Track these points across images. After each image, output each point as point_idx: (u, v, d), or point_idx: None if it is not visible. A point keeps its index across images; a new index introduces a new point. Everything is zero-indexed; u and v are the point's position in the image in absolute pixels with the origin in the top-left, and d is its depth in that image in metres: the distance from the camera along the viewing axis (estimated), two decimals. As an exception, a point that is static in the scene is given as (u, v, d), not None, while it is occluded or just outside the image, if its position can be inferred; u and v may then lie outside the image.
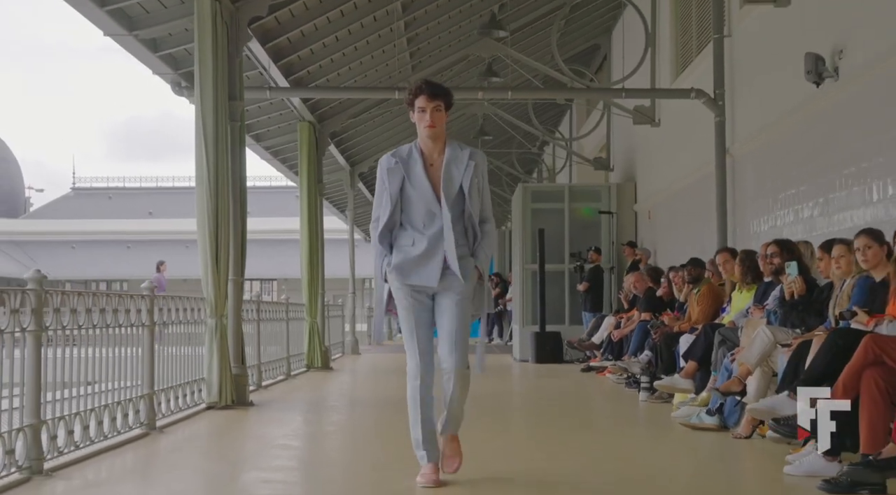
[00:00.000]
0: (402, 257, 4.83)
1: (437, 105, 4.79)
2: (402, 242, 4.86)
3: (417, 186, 4.80)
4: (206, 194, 8.15)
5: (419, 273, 4.80)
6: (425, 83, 4.86)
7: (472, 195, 4.81)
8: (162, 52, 9.48)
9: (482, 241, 4.91)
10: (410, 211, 4.84)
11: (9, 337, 4.87)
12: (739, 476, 5.50)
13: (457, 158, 4.83)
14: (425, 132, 4.82)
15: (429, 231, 4.81)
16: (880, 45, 6.95)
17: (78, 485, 5.03)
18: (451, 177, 4.80)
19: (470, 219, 4.86)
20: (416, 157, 4.84)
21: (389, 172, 4.82)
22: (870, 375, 4.51)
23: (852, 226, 7.14)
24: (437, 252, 4.79)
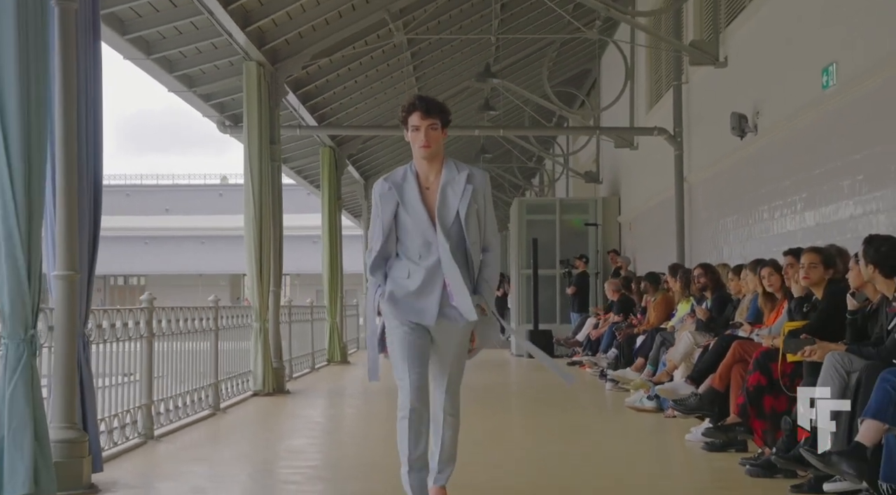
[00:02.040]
0: (395, 289, 4.35)
1: (432, 123, 4.31)
2: (395, 274, 4.37)
3: (412, 212, 4.33)
4: (254, 228, 10.16)
5: (414, 309, 4.32)
6: (419, 99, 4.38)
7: (469, 223, 4.32)
8: (213, 101, 11.51)
9: (483, 273, 4.43)
10: (405, 239, 4.36)
11: (131, 341, 6.87)
12: (656, 442, 7.46)
13: (453, 181, 4.35)
14: (420, 152, 4.34)
15: (425, 262, 4.31)
16: (788, 108, 8.88)
17: (179, 446, 7.03)
18: (446, 202, 4.32)
19: (470, 249, 4.36)
20: (411, 180, 4.37)
21: (382, 198, 4.35)
22: (736, 370, 6.48)
23: (766, 251, 9.07)
24: (434, 287, 4.30)
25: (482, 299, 4.41)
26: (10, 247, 4.72)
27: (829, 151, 7.77)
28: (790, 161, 8.72)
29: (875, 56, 6.95)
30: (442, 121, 4.37)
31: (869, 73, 7.02)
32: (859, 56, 7.25)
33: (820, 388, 4.93)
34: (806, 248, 6.07)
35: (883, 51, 6.82)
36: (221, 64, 10.58)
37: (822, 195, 7.91)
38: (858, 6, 7.37)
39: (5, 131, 4.71)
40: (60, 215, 5.24)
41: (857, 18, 7.38)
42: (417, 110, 4.33)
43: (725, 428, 6.09)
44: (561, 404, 10.06)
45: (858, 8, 7.36)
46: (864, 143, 7.12)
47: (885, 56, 6.77)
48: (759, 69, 9.72)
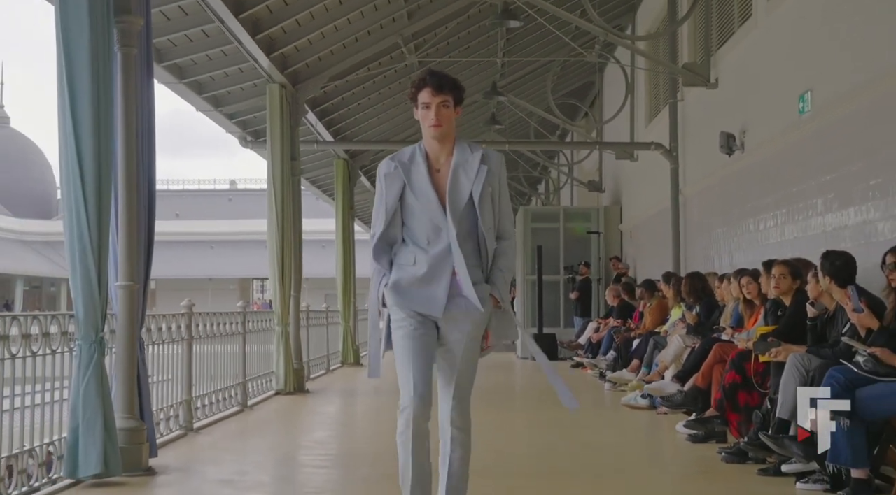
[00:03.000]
0: (401, 277, 4.03)
1: (443, 100, 3.99)
2: (401, 260, 4.05)
3: (420, 195, 4.01)
4: (276, 238, 10.94)
5: (421, 298, 3.99)
6: (430, 74, 4.05)
7: (483, 206, 3.99)
8: (236, 119, 12.31)
9: (498, 262, 4.07)
10: (412, 224, 4.04)
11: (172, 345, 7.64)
12: (648, 435, 8.21)
13: (466, 162, 4.03)
14: (430, 132, 4.01)
15: (433, 248, 3.99)
16: (770, 130, 9.63)
17: (216, 438, 7.81)
18: (458, 184, 4.00)
19: (483, 236, 4.02)
20: (420, 161, 4.05)
21: (388, 178, 4.04)
22: (716, 369, 7.24)
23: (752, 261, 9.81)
24: (442, 275, 3.97)
25: (496, 289, 4.05)
26: (84, 262, 5.50)
27: (805, 172, 8.52)
28: (772, 179, 9.48)
29: (845, 86, 7.70)
30: (455, 98, 4.03)
31: (839, 102, 7.77)
32: (831, 85, 8.00)
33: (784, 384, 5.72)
34: (777, 261, 6.83)
35: (852, 82, 7.56)
36: (246, 86, 11.37)
37: (798, 211, 8.67)
38: (831, 39, 8.11)
39: (81, 162, 5.49)
40: (122, 233, 6.02)
41: (829, 51, 8.13)
42: (428, 86, 3.99)
43: (704, 420, 6.85)
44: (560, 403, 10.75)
45: (831, 41, 8.11)
46: (834, 166, 7.87)
47: (853, 87, 7.52)
48: (746, 92, 10.48)
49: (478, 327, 4.06)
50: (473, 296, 3.97)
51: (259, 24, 9.45)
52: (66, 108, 5.53)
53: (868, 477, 4.96)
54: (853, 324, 5.48)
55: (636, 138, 16.75)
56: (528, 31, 13.72)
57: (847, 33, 7.76)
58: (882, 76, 6.95)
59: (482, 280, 4.04)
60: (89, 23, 5.52)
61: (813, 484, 5.33)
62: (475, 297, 3.97)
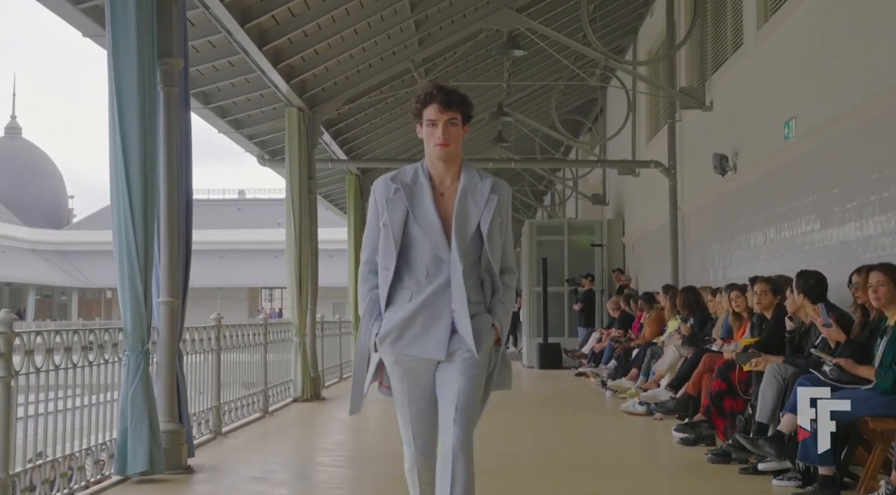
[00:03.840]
0: (395, 318, 3.65)
1: (451, 117, 3.66)
2: (397, 298, 3.68)
3: (423, 221, 3.65)
4: (294, 254, 11.57)
5: (420, 342, 3.65)
6: (437, 89, 3.72)
7: (492, 238, 3.66)
8: (256, 140, 12.97)
9: (501, 295, 3.76)
10: (411, 254, 3.66)
11: (202, 355, 8.27)
12: (643, 438, 8.81)
13: (475, 188, 3.70)
14: (436, 151, 3.67)
15: (433, 283, 3.64)
16: (759, 153, 10.24)
17: (243, 441, 8.44)
18: (466, 212, 3.66)
19: (489, 270, 3.71)
20: (424, 183, 3.69)
21: (389, 204, 3.66)
22: (705, 378, 7.85)
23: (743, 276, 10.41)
24: (443, 312, 3.64)
25: (497, 320, 3.73)
26: (132, 281, 6.13)
27: (790, 193, 9.13)
28: (761, 199, 10.09)
29: (824, 116, 8.31)
30: (463, 115, 3.71)
31: (820, 130, 8.39)
32: (813, 114, 8.62)
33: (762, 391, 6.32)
34: (759, 278, 7.44)
35: (830, 112, 8.17)
36: (266, 109, 12.01)
37: (784, 230, 9.28)
38: (813, 71, 8.73)
39: (130, 190, 6.12)
40: (164, 253, 6.66)
41: (812, 82, 8.75)
42: (435, 102, 3.65)
43: (694, 424, 7.46)
44: (565, 409, 11.39)
45: (813, 73, 8.72)
46: (815, 189, 8.48)
47: (831, 117, 8.13)
48: (738, 116, 11.11)
49: (479, 366, 3.69)
50: (469, 335, 3.62)
51: (280, 54, 10.09)
52: (117, 139, 6.16)
53: (834, 474, 5.55)
54: (825, 337, 6.09)
55: (638, 155, 17.38)
56: (531, 54, 14.34)
57: (827, 66, 8.37)
58: (855, 109, 7.56)
59: (483, 311, 3.72)
60: (137, 65, 6.16)
61: (787, 480, 5.93)
62: (470, 337, 3.62)
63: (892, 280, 5.50)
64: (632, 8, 16.37)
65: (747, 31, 10.69)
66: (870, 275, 5.57)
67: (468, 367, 3.66)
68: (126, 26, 6.11)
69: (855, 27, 7.78)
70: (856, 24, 7.76)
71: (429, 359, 3.68)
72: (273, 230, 64.08)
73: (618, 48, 18.45)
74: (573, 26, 14.22)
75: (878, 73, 7.21)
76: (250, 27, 8.87)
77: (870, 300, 5.59)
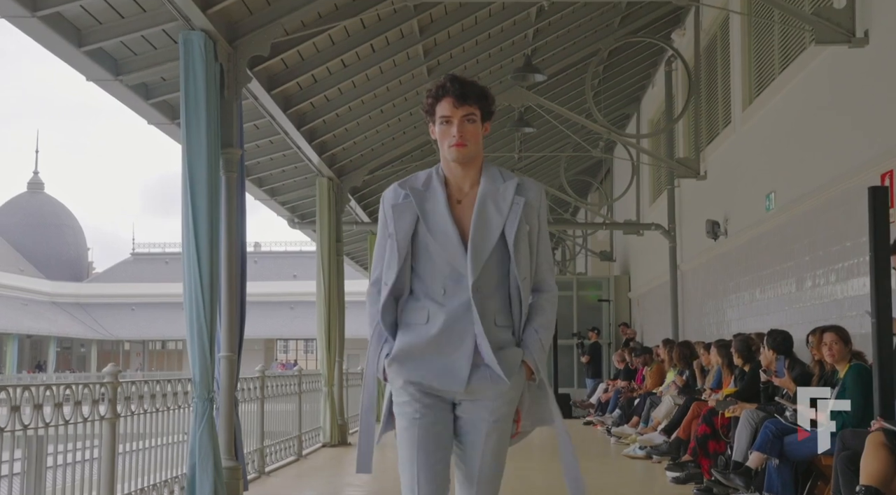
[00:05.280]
0: (408, 341, 3.16)
1: (468, 113, 3.17)
2: (411, 318, 3.19)
3: (437, 232, 3.16)
4: (324, 311, 12.69)
5: (436, 368, 3.13)
6: (451, 80, 3.19)
7: (518, 249, 3.13)
8: (288, 205, 14.18)
9: (533, 320, 3.20)
10: (425, 270, 3.18)
11: (249, 404, 9.35)
12: (641, 478, 9.81)
13: (497, 192, 3.18)
14: (451, 153, 3.17)
15: (452, 302, 3.13)
16: (745, 221, 11.35)
17: (283, 479, 9.49)
18: (486, 219, 3.14)
19: (517, 286, 3.15)
20: (437, 189, 3.20)
21: (396, 210, 3.19)
22: (694, 423, 8.88)
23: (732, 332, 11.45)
24: (464, 336, 3.12)
25: (530, 355, 3.16)
26: (200, 339, 7.24)
27: (771, 259, 10.22)
28: (747, 263, 11.19)
29: (798, 192, 9.42)
30: (482, 110, 3.21)
31: (794, 204, 9.49)
32: (788, 189, 9.73)
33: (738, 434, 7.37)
34: (735, 336, 8.52)
35: (802, 189, 9.28)
36: (298, 179, 13.22)
37: (767, 291, 10.35)
38: (789, 150, 9.85)
39: (199, 261, 7.25)
40: (224, 314, 7.77)
41: (788, 160, 9.88)
42: (449, 95, 3.16)
43: (682, 464, 8.48)
44: (572, 454, 12.31)
45: (789, 151, 9.85)
46: (790, 256, 9.57)
47: (803, 193, 9.24)
48: (727, 186, 12.24)
49: (509, 405, 3.16)
50: (496, 365, 3.08)
51: (314, 132, 11.29)
52: (189, 217, 7.29)
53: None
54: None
55: (641, 215, 18.52)
56: (540, 128, 15.55)
57: (800, 148, 9.50)
58: (821, 188, 8.67)
59: (512, 343, 3.16)
60: (206, 156, 7.32)
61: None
62: (498, 366, 3.08)
63: (843, 339, 6.57)
64: (635, 80, 17.62)
65: (734, 110, 11.85)
66: (824, 335, 6.64)
67: (494, 423, 3.12)
68: (198, 124, 7.28)
69: (821, 116, 8.92)
70: (823, 114, 8.90)
71: (445, 392, 3.13)
72: (288, 282, 65.24)
73: (622, 115, 19.73)
74: (579, 99, 15.41)
75: (839, 158, 8.33)
76: (291, 112, 10.07)
77: (824, 357, 6.65)
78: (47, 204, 74.01)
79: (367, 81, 10.63)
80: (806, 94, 9.32)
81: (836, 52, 8.03)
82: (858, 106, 8.00)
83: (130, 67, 7.80)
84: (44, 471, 5.30)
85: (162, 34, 7.48)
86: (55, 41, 6.73)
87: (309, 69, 9.42)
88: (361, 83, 10.57)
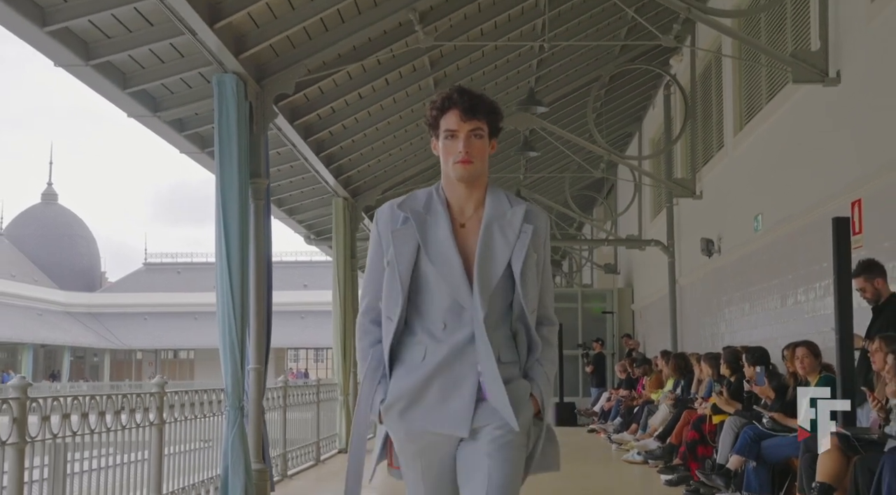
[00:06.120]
0: (404, 385, 2.92)
1: (476, 127, 2.94)
2: (406, 355, 2.95)
3: (438, 260, 2.90)
4: (340, 321, 13.44)
5: (436, 414, 2.89)
6: (459, 92, 2.97)
7: (526, 280, 2.92)
8: (305, 223, 14.96)
9: (541, 354, 3.02)
10: (423, 301, 2.94)
11: (272, 412, 10.08)
12: (638, 481, 10.51)
13: (503, 217, 2.95)
14: (456, 170, 2.93)
15: (452, 337, 2.89)
16: (736, 240, 12.07)
17: (303, 482, 10.23)
18: (492, 246, 2.91)
19: (522, 320, 2.96)
20: (440, 213, 2.95)
21: (396, 237, 2.92)
22: (685, 430, 9.58)
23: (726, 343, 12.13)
24: (466, 376, 2.88)
25: (537, 389, 3.00)
26: (233, 353, 7.98)
27: (759, 277, 10.94)
28: (738, 279, 11.90)
29: (782, 214, 10.13)
30: (490, 125, 2.99)
31: (779, 226, 10.21)
32: (774, 212, 10.45)
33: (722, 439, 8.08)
34: (724, 349, 9.23)
35: (786, 212, 10.00)
36: (315, 199, 13.98)
37: (756, 306, 11.07)
38: (775, 175, 10.56)
39: (231, 282, 7.99)
40: (253, 330, 8.51)
41: (774, 184, 10.59)
42: (455, 108, 2.95)
43: (674, 467, 9.19)
44: (577, 460, 13.02)
45: (775, 177, 10.56)
46: (776, 274, 10.29)
47: (787, 216, 9.95)
48: (721, 206, 12.97)
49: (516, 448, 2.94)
50: (506, 405, 2.87)
51: (332, 157, 12.05)
52: (222, 240, 8.03)
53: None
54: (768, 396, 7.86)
55: (643, 230, 19.24)
56: (544, 150, 16.30)
57: (785, 174, 10.22)
58: (802, 212, 9.39)
59: (519, 375, 2.99)
60: (238, 185, 8.06)
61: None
62: (508, 407, 2.87)
63: (813, 353, 7.28)
64: (637, 101, 18.36)
65: (726, 135, 12.58)
66: (796, 349, 7.35)
67: (499, 448, 2.87)
68: (230, 157, 8.02)
69: (802, 146, 9.63)
70: (803, 144, 9.61)
71: (448, 435, 2.91)
72: (299, 292, 65.94)
73: (625, 134, 20.46)
74: (581, 120, 16.15)
75: (816, 186, 9.05)
76: (311, 141, 10.83)
77: (797, 369, 7.36)
78: (61, 215, 74.89)
79: (380, 110, 11.38)
80: (789, 125, 10.04)
81: (813, 89, 8.75)
82: (832, 139, 8.72)
83: (167, 105, 8.56)
84: (106, 471, 6.03)
85: (197, 75, 8.23)
86: (104, 85, 7.49)
87: (328, 102, 10.18)
88: (375, 112, 11.32)
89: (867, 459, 5.19)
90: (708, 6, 10.84)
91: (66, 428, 5.29)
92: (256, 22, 7.69)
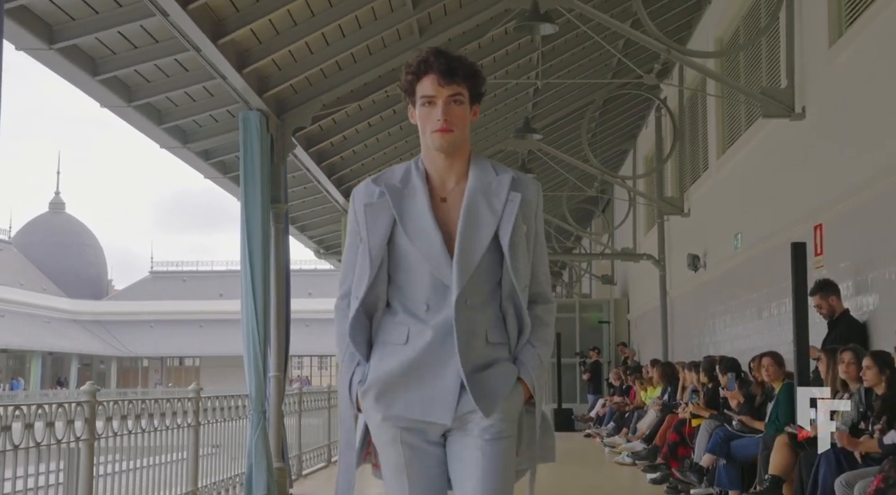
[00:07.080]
0: (384, 367, 2.70)
1: (455, 93, 2.69)
2: (387, 336, 2.74)
3: (417, 236, 2.69)
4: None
5: (418, 399, 2.68)
6: (435, 55, 2.71)
7: (516, 254, 2.68)
8: (315, 238, 15.87)
9: (533, 334, 2.76)
10: (404, 280, 2.72)
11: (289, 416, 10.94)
12: (626, 480, 11.36)
13: (489, 187, 2.72)
14: (434, 140, 2.70)
15: (435, 317, 2.67)
16: (719, 256, 12.93)
17: (318, 481, 11.09)
18: (476, 220, 2.68)
19: (512, 298, 2.72)
20: (417, 186, 2.73)
21: (369, 210, 2.71)
22: (668, 432, 10.43)
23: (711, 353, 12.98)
24: (449, 359, 2.65)
25: (527, 374, 2.74)
26: (256, 362, 8.85)
27: (738, 291, 11.80)
28: (721, 293, 12.77)
29: (758, 235, 10.99)
30: (471, 90, 2.75)
31: (755, 245, 11.08)
32: (751, 232, 11.32)
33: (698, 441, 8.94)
34: (704, 358, 10.11)
35: (761, 233, 10.86)
36: (325, 216, 14.89)
37: (736, 319, 11.93)
38: (753, 197, 11.43)
39: (255, 297, 8.87)
40: (273, 340, 9.38)
41: (751, 206, 11.46)
42: (433, 71, 2.70)
43: (656, 466, 10.05)
44: (572, 463, 13.90)
45: (753, 199, 11.43)
46: (754, 289, 11.15)
47: (762, 236, 10.82)
48: (706, 224, 13.84)
49: (504, 422, 2.72)
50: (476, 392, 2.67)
51: (342, 179, 12.95)
52: (247, 259, 8.91)
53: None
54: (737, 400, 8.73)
55: (637, 244, 20.12)
56: (539, 169, 17.19)
57: (760, 198, 11.09)
58: (774, 233, 10.25)
59: (507, 359, 2.76)
60: (260, 210, 8.94)
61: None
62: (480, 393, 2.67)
63: (777, 362, 8.14)
64: (631, 120, 19.25)
65: (711, 158, 13.46)
66: (762, 359, 8.21)
67: (490, 442, 2.68)
68: (253, 186, 8.91)
69: (774, 173, 10.50)
70: (775, 170, 10.48)
71: (431, 426, 2.71)
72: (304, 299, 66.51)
73: (620, 151, 21.35)
74: (576, 141, 17.03)
75: (785, 209, 9.92)
76: (324, 165, 11.72)
77: (763, 377, 8.22)
78: (69, 223, 75.69)
79: (388, 137, 12.28)
80: (762, 153, 10.92)
81: (781, 122, 9.63)
82: (798, 168, 9.60)
83: (196, 137, 9.45)
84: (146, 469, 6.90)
85: (224, 112, 9.13)
86: (144, 124, 8.39)
87: (340, 131, 11.07)
88: (384, 138, 12.21)
89: (809, 455, 6.04)
90: (686, 48, 11.73)
91: (123, 428, 6.16)
92: (279, 65, 8.57)
